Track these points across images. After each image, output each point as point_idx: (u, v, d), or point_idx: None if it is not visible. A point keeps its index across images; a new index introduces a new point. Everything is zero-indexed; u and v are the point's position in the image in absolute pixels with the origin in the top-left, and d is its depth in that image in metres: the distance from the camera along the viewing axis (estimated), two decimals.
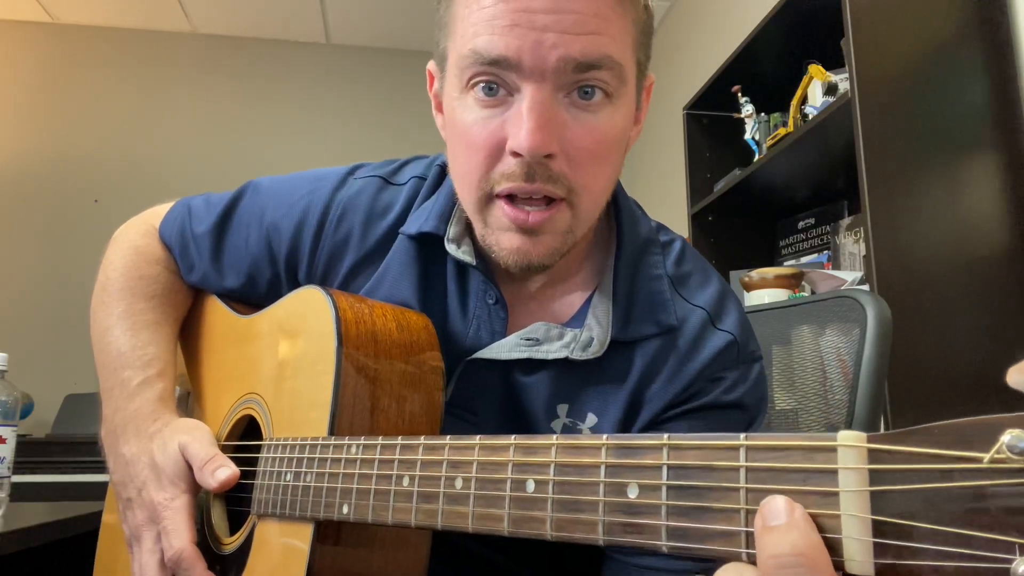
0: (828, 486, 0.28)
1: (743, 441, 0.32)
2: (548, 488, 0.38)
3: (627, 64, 0.61)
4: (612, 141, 0.62)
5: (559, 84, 0.58)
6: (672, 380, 0.67)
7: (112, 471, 0.75)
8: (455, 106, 0.62)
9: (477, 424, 0.69)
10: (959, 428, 0.26)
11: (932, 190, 1.47)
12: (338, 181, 0.77)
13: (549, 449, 0.39)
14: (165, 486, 0.67)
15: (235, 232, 0.81)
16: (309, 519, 0.57)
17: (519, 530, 0.39)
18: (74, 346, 3.21)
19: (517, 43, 0.56)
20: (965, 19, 1.58)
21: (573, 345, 0.66)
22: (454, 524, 0.44)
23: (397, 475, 0.49)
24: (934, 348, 1.39)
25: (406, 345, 0.64)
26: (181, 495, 0.66)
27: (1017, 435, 0.24)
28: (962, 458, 0.25)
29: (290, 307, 0.72)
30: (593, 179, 0.62)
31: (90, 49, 3.60)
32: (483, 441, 0.43)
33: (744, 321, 0.71)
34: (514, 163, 0.59)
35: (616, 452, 0.36)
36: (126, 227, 0.90)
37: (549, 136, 0.57)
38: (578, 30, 0.57)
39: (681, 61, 3.10)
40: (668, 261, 0.73)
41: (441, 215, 0.71)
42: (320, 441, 0.58)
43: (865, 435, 0.28)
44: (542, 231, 0.61)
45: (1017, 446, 0.24)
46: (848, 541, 0.28)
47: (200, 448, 0.67)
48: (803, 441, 0.30)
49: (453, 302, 0.71)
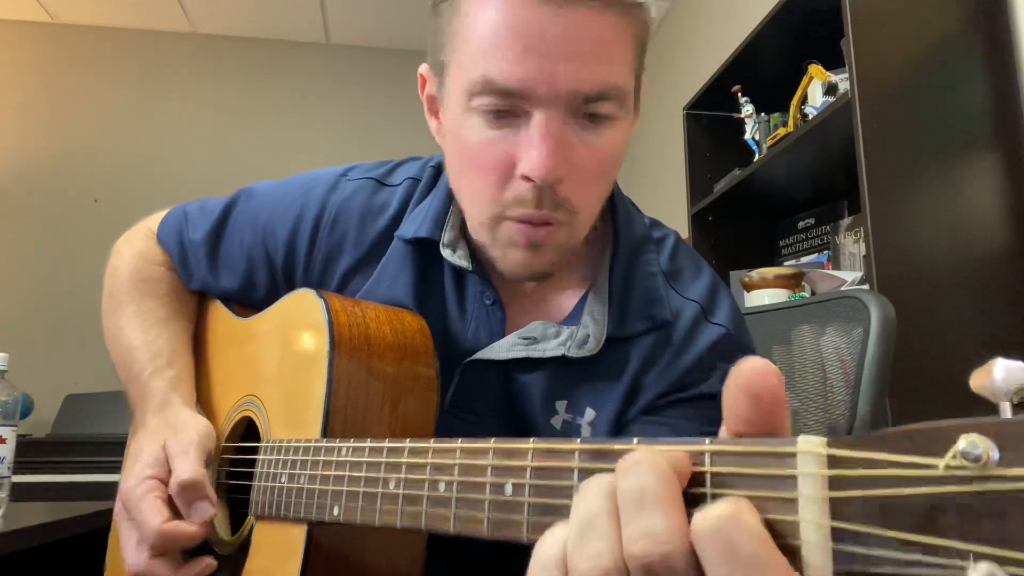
0: (787, 492, 0.28)
1: (708, 446, 0.32)
2: (524, 491, 0.38)
3: (629, 85, 0.63)
4: (614, 158, 0.64)
5: (568, 111, 0.59)
6: (666, 371, 0.69)
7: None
8: (460, 124, 0.63)
9: (478, 424, 0.70)
10: (916, 434, 0.25)
11: (932, 190, 1.47)
12: (331, 184, 0.78)
13: (526, 453, 0.38)
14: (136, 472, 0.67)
15: (230, 238, 0.82)
16: (303, 520, 0.58)
17: (499, 533, 0.39)
18: (74, 346, 3.21)
19: (531, 75, 0.57)
20: (965, 19, 1.57)
21: (570, 343, 0.68)
22: (438, 527, 0.44)
23: (384, 478, 0.49)
24: (934, 348, 1.39)
25: (400, 348, 0.65)
26: (146, 481, 0.65)
27: (972, 441, 0.24)
28: (918, 464, 0.25)
29: (285, 310, 0.72)
30: (593, 195, 0.65)
31: (90, 49, 3.60)
32: (464, 444, 0.43)
33: (736, 312, 0.73)
34: (525, 188, 0.60)
35: (589, 456, 0.36)
36: (127, 235, 0.91)
37: (559, 161, 0.59)
38: (587, 59, 0.58)
39: (681, 61, 3.10)
40: (662, 257, 0.74)
41: (436, 219, 0.72)
42: (312, 443, 0.58)
43: (824, 440, 0.28)
44: (544, 246, 0.63)
45: (971, 453, 0.24)
46: (807, 547, 0.27)
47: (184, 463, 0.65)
48: (764, 447, 0.29)
49: (451, 305, 0.72)
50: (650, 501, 0.30)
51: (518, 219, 0.62)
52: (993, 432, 0.24)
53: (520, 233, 0.63)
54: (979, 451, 0.24)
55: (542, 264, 0.65)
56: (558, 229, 0.63)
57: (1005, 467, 0.23)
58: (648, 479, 0.30)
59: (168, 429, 0.70)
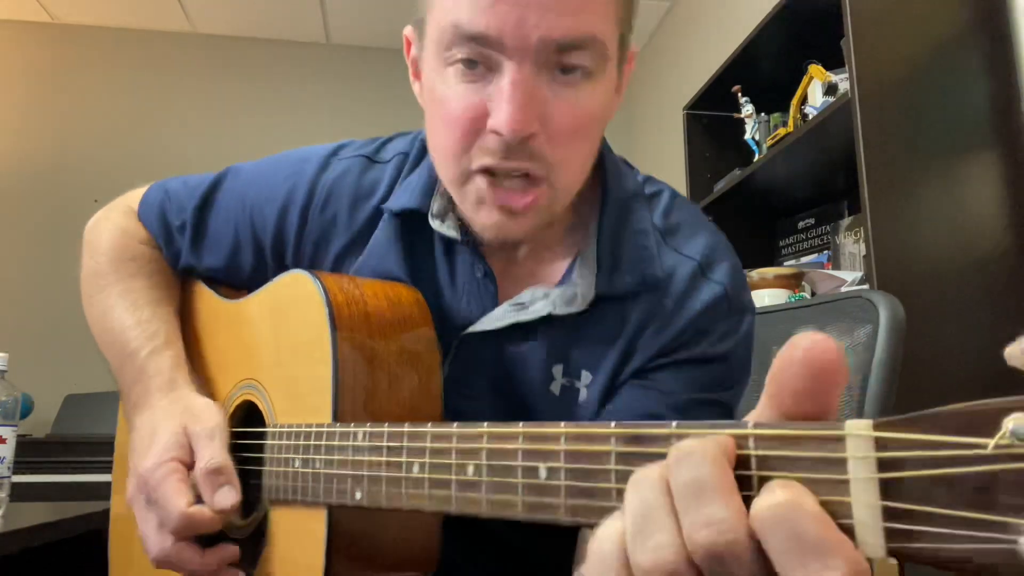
0: (838, 474, 0.29)
1: (751, 430, 0.32)
2: (560, 475, 0.39)
3: (609, 41, 0.60)
4: (593, 118, 0.62)
5: (540, 63, 0.57)
6: (662, 330, 0.67)
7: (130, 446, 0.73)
8: (434, 78, 0.61)
9: (476, 399, 0.69)
10: (963, 414, 0.26)
11: (932, 190, 1.47)
12: (321, 162, 0.76)
13: (558, 437, 0.39)
14: (154, 456, 0.65)
15: (216, 217, 0.80)
16: (322, 504, 0.58)
17: (534, 515, 0.40)
18: (74, 346, 3.20)
19: (499, 20, 0.55)
20: (965, 19, 1.57)
21: (557, 301, 0.66)
22: (467, 510, 0.44)
23: (407, 462, 0.49)
24: (934, 348, 1.39)
25: (400, 322, 0.64)
26: (168, 463, 0.63)
27: (1020, 420, 0.24)
28: (967, 444, 0.26)
29: (278, 292, 0.71)
30: (573, 155, 0.62)
31: (90, 49, 3.60)
32: (491, 429, 0.43)
33: (736, 271, 0.71)
34: (494, 140, 0.58)
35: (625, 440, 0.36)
36: (103, 212, 0.88)
37: (530, 116, 0.57)
38: (560, 8, 0.56)
39: (681, 61, 3.10)
40: (656, 213, 0.72)
41: (424, 190, 0.70)
42: (326, 428, 0.58)
43: (871, 422, 0.28)
44: (525, 213, 0.61)
45: (1020, 431, 0.24)
46: (860, 526, 0.28)
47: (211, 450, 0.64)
48: (812, 430, 0.30)
49: (443, 278, 0.71)
50: (709, 491, 0.30)
51: (484, 169, 0.60)
52: None
53: (489, 193, 0.60)
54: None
55: (519, 229, 0.63)
56: (539, 191, 0.61)
57: None
58: (704, 469, 0.30)
59: (187, 413, 0.68)
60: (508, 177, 0.60)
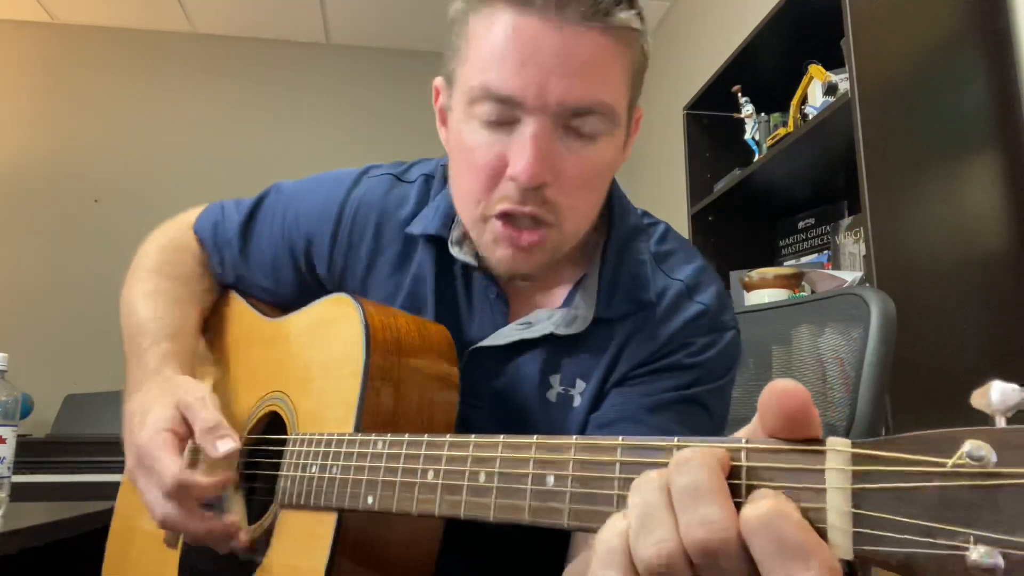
0: (817, 483, 0.33)
1: (743, 444, 0.36)
2: (567, 482, 0.42)
3: (619, 106, 0.67)
4: (600, 173, 0.69)
5: (557, 122, 0.64)
6: (645, 343, 0.74)
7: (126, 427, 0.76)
8: (461, 128, 0.68)
9: (482, 408, 0.74)
10: (928, 438, 0.30)
11: (932, 190, 1.48)
12: (353, 181, 0.84)
13: (568, 448, 0.43)
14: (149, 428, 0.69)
15: (260, 231, 0.87)
16: (334, 508, 0.60)
17: (538, 519, 0.44)
18: (74, 346, 3.21)
19: (524, 83, 0.62)
20: (965, 19, 1.58)
21: (559, 322, 0.73)
22: (476, 514, 0.47)
23: (423, 469, 0.52)
24: (934, 348, 1.39)
25: (427, 351, 0.70)
26: (162, 432, 0.68)
27: (976, 445, 0.28)
28: (930, 462, 0.30)
29: (319, 311, 0.76)
30: (580, 204, 0.69)
31: (90, 49, 3.60)
32: (506, 440, 0.47)
33: (721, 296, 0.77)
34: (512, 187, 0.65)
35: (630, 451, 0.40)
36: (163, 226, 0.95)
37: (544, 167, 0.64)
38: (579, 76, 0.63)
39: (681, 61, 3.10)
40: (652, 241, 0.80)
41: (444, 218, 0.77)
42: (347, 436, 0.61)
43: (850, 441, 0.32)
44: (533, 251, 0.68)
45: (975, 454, 0.28)
46: (832, 530, 0.32)
47: (206, 412, 0.68)
48: (797, 445, 0.34)
49: (461, 298, 0.78)
50: (705, 493, 0.34)
51: (502, 213, 0.67)
52: (993, 438, 0.28)
53: (504, 234, 0.67)
54: (982, 453, 0.28)
55: (529, 265, 0.69)
56: (548, 232, 0.67)
57: (1003, 467, 0.28)
58: (701, 474, 0.34)
59: (177, 389, 0.72)
60: (520, 220, 0.67)
